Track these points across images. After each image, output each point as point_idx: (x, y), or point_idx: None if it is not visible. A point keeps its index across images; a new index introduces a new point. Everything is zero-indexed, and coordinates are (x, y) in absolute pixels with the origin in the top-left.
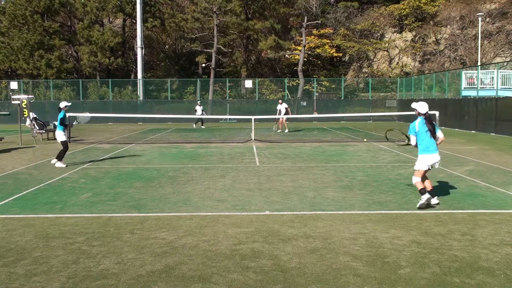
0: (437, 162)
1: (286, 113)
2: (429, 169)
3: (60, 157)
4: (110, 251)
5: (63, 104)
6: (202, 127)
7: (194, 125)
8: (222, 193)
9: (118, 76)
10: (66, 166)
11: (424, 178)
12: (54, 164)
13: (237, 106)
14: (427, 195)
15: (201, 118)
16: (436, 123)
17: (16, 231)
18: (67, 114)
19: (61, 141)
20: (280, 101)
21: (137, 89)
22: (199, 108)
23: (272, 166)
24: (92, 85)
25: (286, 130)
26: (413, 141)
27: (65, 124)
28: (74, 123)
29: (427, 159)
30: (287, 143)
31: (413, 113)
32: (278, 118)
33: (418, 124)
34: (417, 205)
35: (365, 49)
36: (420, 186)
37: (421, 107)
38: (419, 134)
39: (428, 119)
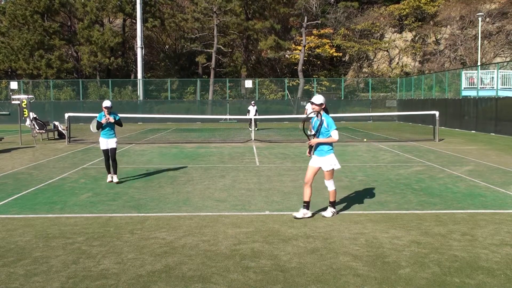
0: None
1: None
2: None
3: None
4: (110, 251)
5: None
6: (256, 128)
7: (250, 127)
8: (222, 193)
9: (118, 76)
10: (111, 181)
11: (311, 182)
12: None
13: (237, 106)
14: (334, 209)
15: (254, 119)
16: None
17: (16, 231)
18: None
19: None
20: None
21: (137, 89)
22: (252, 109)
23: (272, 166)
24: (92, 85)
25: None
26: (337, 135)
27: (101, 127)
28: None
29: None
30: (287, 143)
31: (414, 112)
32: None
33: None
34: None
35: (365, 49)
36: (334, 197)
37: (322, 99)
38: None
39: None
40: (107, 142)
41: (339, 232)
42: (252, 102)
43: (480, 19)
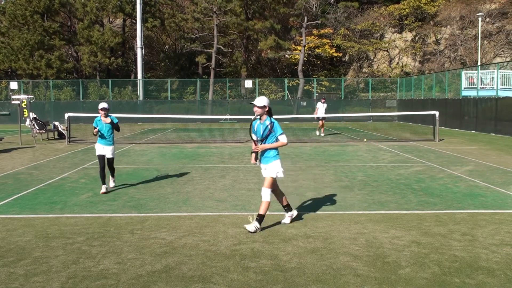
0: None
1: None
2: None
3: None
4: (110, 251)
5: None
6: None
7: None
8: (222, 193)
9: (118, 76)
10: (104, 192)
11: (277, 190)
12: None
13: (237, 106)
14: (259, 224)
15: None
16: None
17: (16, 231)
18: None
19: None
20: (322, 100)
21: (137, 89)
22: None
23: None
24: (92, 85)
25: (322, 134)
26: (285, 139)
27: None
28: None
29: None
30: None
31: (414, 112)
32: (318, 120)
33: None
34: (249, 229)
35: (365, 49)
36: (264, 210)
37: (265, 101)
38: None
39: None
40: (103, 149)
41: (339, 232)
42: None
43: (480, 19)
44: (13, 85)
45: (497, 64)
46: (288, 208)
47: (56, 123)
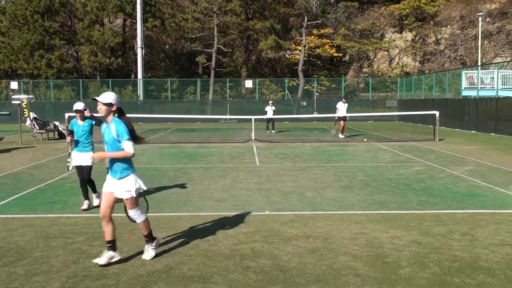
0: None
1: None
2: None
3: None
4: None
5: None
6: (273, 131)
7: (267, 130)
8: (222, 193)
9: (118, 76)
10: (85, 209)
11: (110, 217)
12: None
13: (237, 106)
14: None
15: (271, 120)
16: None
17: (16, 231)
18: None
19: None
20: (343, 100)
21: (137, 89)
22: (270, 109)
23: (272, 166)
24: (93, 85)
25: (342, 136)
26: (131, 149)
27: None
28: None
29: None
30: (287, 143)
31: (414, 112)
32: (339, 120)
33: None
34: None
35: (365, 49)
36: (147, 228)
37: (111, 97)
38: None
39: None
40: (80, 157)
41: (339, 232)
42: (270, 101)
43: (480, 19)
44: (13, 85)
45: (497, 64)
46: (112, 246)
47: (56, 123)
